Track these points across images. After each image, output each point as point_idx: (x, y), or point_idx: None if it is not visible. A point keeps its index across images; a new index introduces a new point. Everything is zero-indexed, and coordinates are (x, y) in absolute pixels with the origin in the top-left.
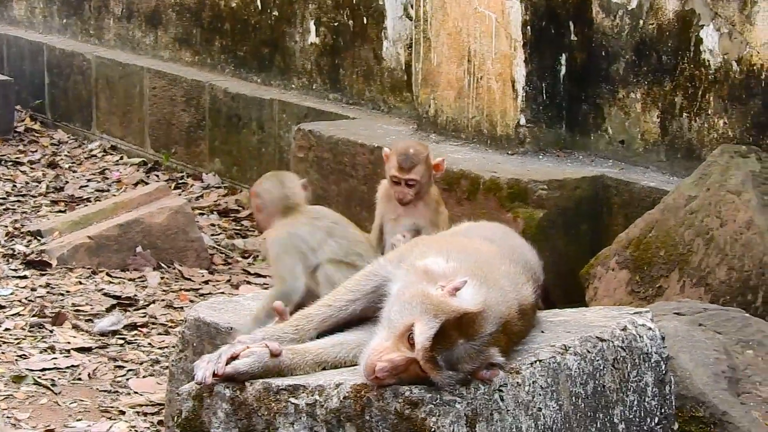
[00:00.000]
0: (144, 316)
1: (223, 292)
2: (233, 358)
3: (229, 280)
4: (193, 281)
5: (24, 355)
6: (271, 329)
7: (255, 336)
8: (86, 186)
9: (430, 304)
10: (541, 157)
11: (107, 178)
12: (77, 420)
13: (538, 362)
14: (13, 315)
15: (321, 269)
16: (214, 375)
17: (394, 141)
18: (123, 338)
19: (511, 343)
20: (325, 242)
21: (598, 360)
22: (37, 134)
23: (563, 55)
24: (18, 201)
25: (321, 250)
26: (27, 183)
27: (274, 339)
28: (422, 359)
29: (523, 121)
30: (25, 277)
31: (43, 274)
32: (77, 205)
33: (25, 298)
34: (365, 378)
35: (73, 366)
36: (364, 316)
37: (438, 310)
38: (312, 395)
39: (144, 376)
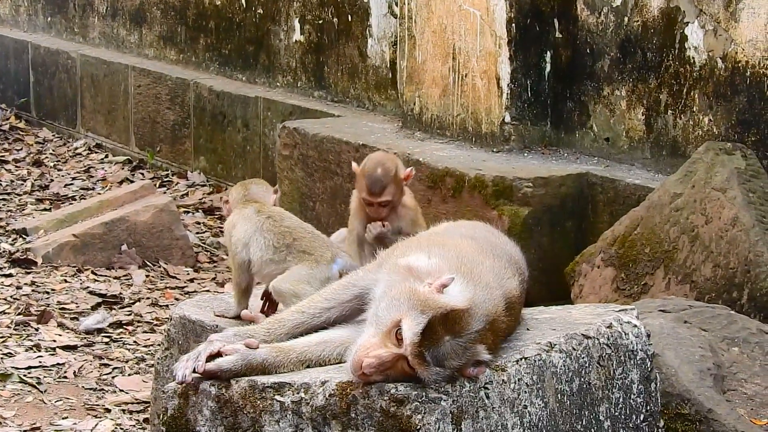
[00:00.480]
0: (129, 314)
1: (208, 290)
2: (212, 356)
3: (214, 278)
4: (178, 279)
5: (9, 353)
6: (243, 329)
7: (226, 333)
8: (71, 184)
9: (417, 300)
10: (526, 154)
11: (92, 177)
12: (63, 418)
13: (523, 359)
14: None
15: (257, 269)
16: (195, 372)
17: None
18: (108, 336)
19: (498, 340)
20: (253, 238)
21: (583, 357)
22: (22, 132)
23: (548, 52)
24: (3, 199)
25: (252, 246)
26: (12, 181)
27: (246, 338)
28: (411, 354)
29: (508, 119)
30: (10, 275)
31: (29, 273)
32: (62, 203)
33: (11, 297)
34: (352, 374)
35: (58, 364)
36: (340, 323)
37: (425, 306)
38: (297, 393)
39: (129, 374)
